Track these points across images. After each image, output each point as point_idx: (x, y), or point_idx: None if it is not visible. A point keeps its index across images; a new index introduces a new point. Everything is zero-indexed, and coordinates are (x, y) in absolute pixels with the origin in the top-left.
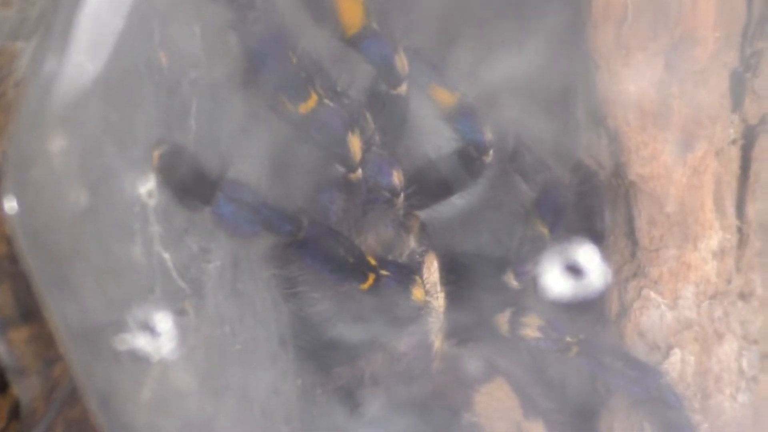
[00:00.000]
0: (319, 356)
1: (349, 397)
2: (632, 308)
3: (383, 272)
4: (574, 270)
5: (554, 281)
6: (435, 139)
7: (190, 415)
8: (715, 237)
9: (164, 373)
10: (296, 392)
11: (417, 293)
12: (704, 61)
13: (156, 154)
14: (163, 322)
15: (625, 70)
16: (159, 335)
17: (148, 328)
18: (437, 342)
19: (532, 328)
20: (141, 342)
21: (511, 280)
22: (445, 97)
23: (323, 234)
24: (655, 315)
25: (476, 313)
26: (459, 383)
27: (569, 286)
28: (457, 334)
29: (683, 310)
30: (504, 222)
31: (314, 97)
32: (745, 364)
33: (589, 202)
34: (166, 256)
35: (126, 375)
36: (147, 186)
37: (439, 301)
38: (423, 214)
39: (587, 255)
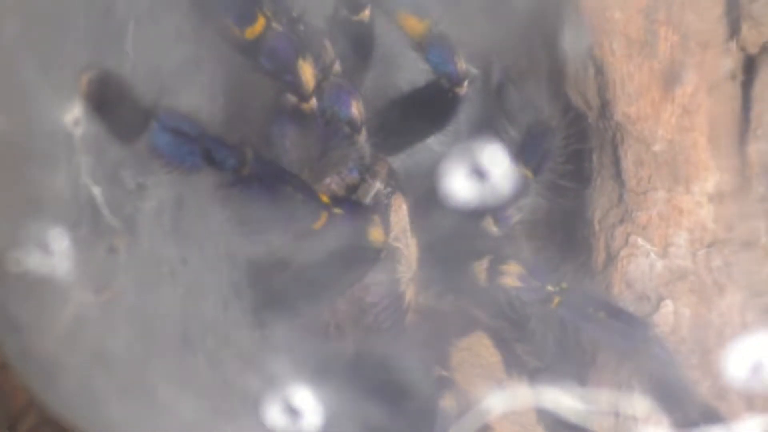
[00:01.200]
0: (279, 305)
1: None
2: (619, 256)
3: (336, 210)
4: (478, 173)
5: (458, 185)
6: (409, 71)
7: (113, 354)
8: (711, 179)
9: (82, 308)
10: (255, 343)
11: (374, 234)
12: None
13: (84, 78)
14: (58, 240)
15: None
16: (53, 254)
17: (42, 247)
18: (409, 292)
19: (511, 276)
20: (35, 261)
21: (491, 226)
22: (414, 24)
23: (269, 169)
24: (644, 263)
25: (454, 261)
26: (435, 337)
27: (474, 189)
28: (435, 284)
29: (675, 259)
30: None
31: (262, 21)
32: (749, 317)
33: (576, 145)
34: (96, 190)
35: (37, 307)
36: (73, 113)
37: (410, 248)
38: (398, 161)
39: (492, 157)
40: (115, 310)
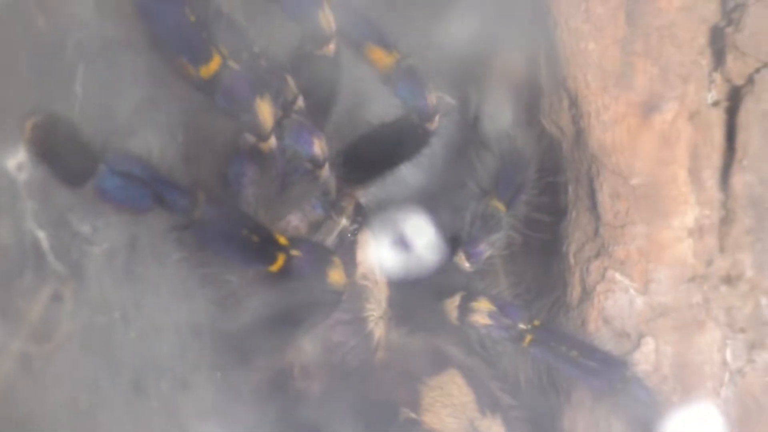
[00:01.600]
0: (240, 347)
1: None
2: (595, 291)
3: (294, 252)
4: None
5: (384, 255)
6: (380, 105)
7: (55, 409)
8: (690, 213)
9: (20, 362)
10: (214, 386)
11: (334, 275)
12: (670, 14)
13: (28, 124)
14: None
15: (585, 26)
16: None
17: None
18: (378, 330)
19: (482, 314)
20: None
21: (463, 262)
22: (382, 57)
23: (222, 210)
24: (622, 299)
25: (425, 298)
26: (406, 376)
27: (399, 260)
28: (406, 322)
29: (656, 295)
30: (457, 198)
31: (217, 59)
32: (728, 355)
33: (551, 177)
34: (41, 235)
35: None
36: (17, 158)
37: (379, 285)
38: (370, 194)
39: (417, 228)
40: (59, 361)
